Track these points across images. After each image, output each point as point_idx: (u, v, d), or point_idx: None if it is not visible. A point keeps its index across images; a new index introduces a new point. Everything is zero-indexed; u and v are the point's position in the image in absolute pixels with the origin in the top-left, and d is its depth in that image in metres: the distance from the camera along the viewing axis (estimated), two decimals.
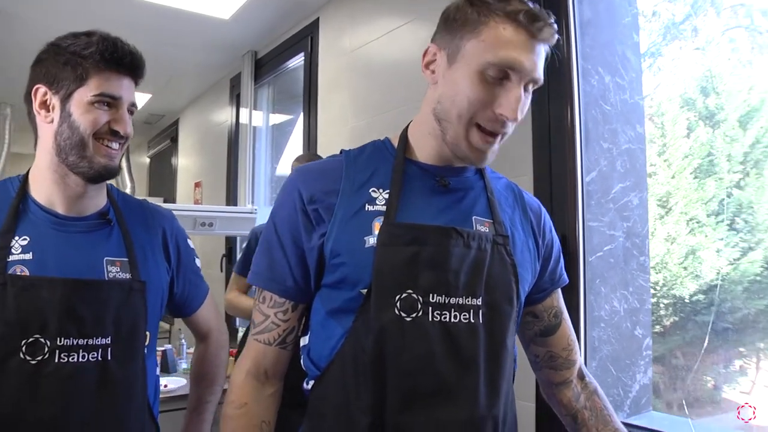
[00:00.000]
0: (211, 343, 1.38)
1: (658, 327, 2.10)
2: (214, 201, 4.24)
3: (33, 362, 0.98)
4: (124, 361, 1.07)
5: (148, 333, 1.13)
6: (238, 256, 2.99)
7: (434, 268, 0.86)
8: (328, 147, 2.79)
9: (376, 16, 2.58)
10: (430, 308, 0.85)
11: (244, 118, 3.70)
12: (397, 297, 0.84)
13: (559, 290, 1.08)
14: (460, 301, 0.86)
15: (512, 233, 0.96)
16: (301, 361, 0.95)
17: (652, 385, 1.90)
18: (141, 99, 4.75)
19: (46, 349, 0.99)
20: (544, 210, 1.07)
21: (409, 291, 0.85)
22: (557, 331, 1.05)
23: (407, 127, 1.01)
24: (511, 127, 0.88)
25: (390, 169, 0.94)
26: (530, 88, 0.87)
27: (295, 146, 3.98)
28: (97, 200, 1.14)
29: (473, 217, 0.93)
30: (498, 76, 0.83)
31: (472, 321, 0.86)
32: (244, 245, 2.39)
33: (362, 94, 2.63)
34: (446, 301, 0.86)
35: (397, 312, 0.84)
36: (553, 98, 1.72)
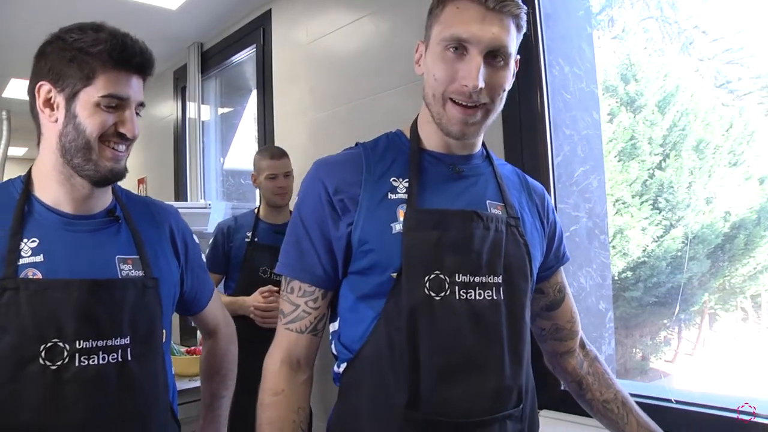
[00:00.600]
0: (220, 338, 1.38)
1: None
2: (161, 197, 4.11)
3: (53, 367, 0.97)
4: (144, 360, 1.06)
5: (164, 330, 1.13)
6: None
7: (458, 250, 0.92)
8: (286, 139, 2.80)
9: (333, 9, 2.60)
10: (457, 287, 0.91)
11: (191, 112, 3.64)
12: (426, 278, 0.90)
13: (562, 268, 1.16)
14: (483, 280, 0.93)
15: (522, 215, 1.04)
16: (332, 346, 1.00)
17: (615, 354, 2.04)
18: None
19: (66, 353, 0.98)
20: (546, 193, 1.15)
21: (437, 272, 0.91)
22: (561, 305, 1.14)
23: (416, 119, 1.06)
24: (486, 98, 0.93)
25: (406, 159, 1.00)
26: (499, 59, 0.92)
27: (242, 139, 3.95)
28: (104, 198, 1.13)
29: (486, 201, 1.00)
30: (457, 51, 0.90)
31: (495, 298, 0.94)
32: (211, 241, 2.38)
33: (322, 86, 2.66)
34: (471, 280, 0.92)
35: (426, 292, 0.90)
36: (523, 87, 1.81)
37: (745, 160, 7.92)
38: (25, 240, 1.02)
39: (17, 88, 4.39)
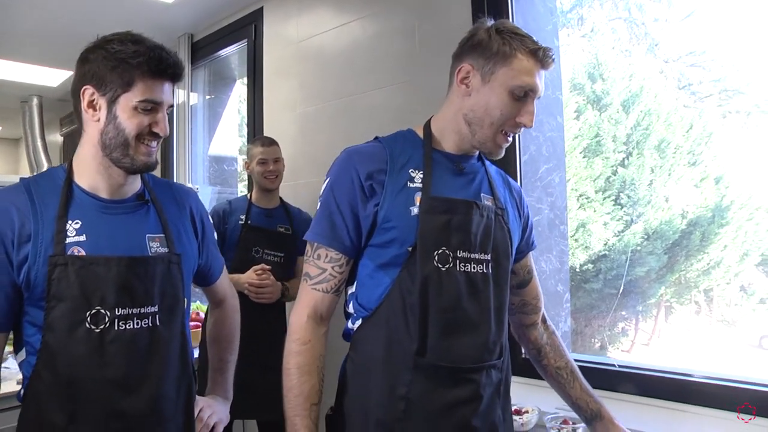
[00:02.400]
0: (227, 307, 1.57)
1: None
2: None
3: (97, 330, 1.16)
4: (170, 324, 1.25)
5: (185, 299, 1.32)
6: None
7: (460, 231, 1.16)
8: (276, 130, 3.00)
9: (324, 11, 2.81)
10: (458, 261, 1.15)
11: (180, 100, 3.79)
12: (435, 252, 1.13)
13: (531, 254, 1.41)
14: (477, 256, 1.17)
15: (506, 207, 1.28)
16: (349, 305, 1.23)
17: (571, 332, 2.31)
18: (61, 76, 4.65)
19: (107, 319, 1.16)
20: (522, 192, 1.40)
21: (444, 248, 1.14)
22: (529, 284, 1.40)
23: (429, 121, 1.28)
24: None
25: (421, 155, 1.21)
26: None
27: (226, 127, 4.12)
28: (135, 184, 1.29)
29: (481, 194, 1.24)
30: (521, 95, 1.14)
31: (485, 271, 1.19)
32: None
33: (311, 82, 2.86)
34: (468, 256, 1.16)
35: (435, 264, 1.13)
36: None
37: (703, 160, 8.27)
38: (70, 221, 1.18)
39: (1, 69, 4.43)
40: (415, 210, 1.15)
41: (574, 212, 7.58)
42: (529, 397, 1.79)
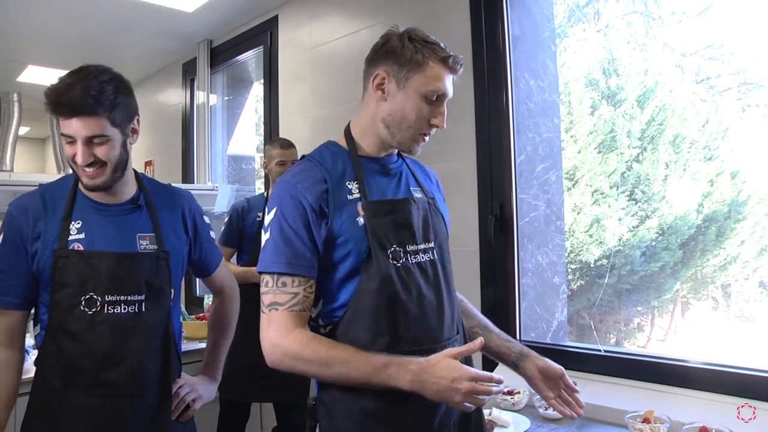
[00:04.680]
0: (225, 297, 1.75)
1: (567, 291, 2.59)
2: (168, 179, 4.43)
3: (90, 312, 1.38)
4: (154, 311, 1.45)
5: (172, 290, 1.51)
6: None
7: (404, 228, 1.24)
8: (291, 131, 3.17)
9: (336, 19, 2.97)
10: (409, 255, 1.23)
11: (200, 101, 3.98)
12: (389, 251, 1.21)
13: None
14: (423, 246, 1.26)
15: (433, 195, 1.38)
16: (318, 321, 1.27)
17: (567, 321, 2.44)
18: None
19: (98, 303, 1.39)
20: (436, 174, 1.49)
21: (395, 246, 1.22)
22: None
23: (348, 129, 1.33)
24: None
25: (350, 165, 1.27)
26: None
27: (244, 127, 4.30)
28: (128, 190, 1.49)
29: (411, 189, 1.32)
30: (433, 99, 1.23)
31: (432, 258, 1.28)
32: (226, 220, 2.75)
33: (324, 87, 3.03)
34: (416, 248, 1.25)
35: (391, 261, 1.21)
36: (492, 99, 2.20)
37: (719, 155, 8.25)
38: (73, 222, 1.42)
39: (32, 74, 4.68)
40: (361, 220, 1.22)
41: (588, 208, 7.63)
42: (521, 380, 1.93)
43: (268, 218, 1.23)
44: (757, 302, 8.32)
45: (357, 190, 1.24)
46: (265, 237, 1.23)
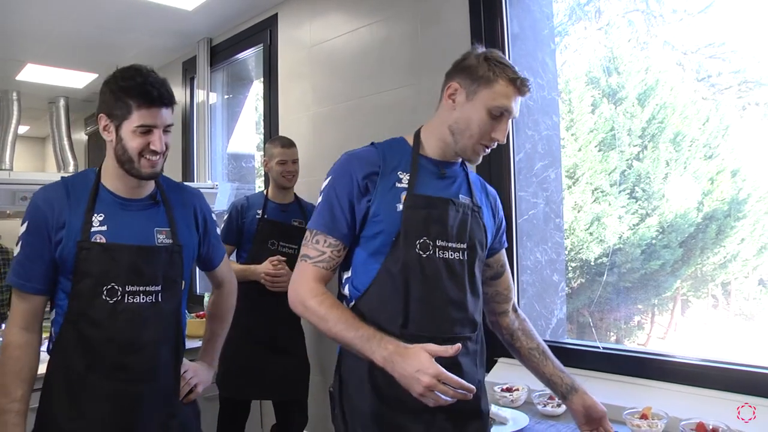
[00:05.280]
0: (224, 290, 1.82)
1: (567, 289, 2.61)
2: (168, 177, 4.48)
3: (111, 302, 1.45)
4: (169, 301, 1.53)
5: (183, 281, 1.58)
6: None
7: (439, 224, 1.35)
8: (291, 129, 3.17)
9: (335, 18, 2.97)
10: (437, 249, 1.35)
11: (200, 100, 3.98)
12: (417, 241, 1.33)
13: (504, 250, 1.59)
14: (453, 245, 1.37)
15: (481, 207, 1.47)
16: (345, 288, 1.41)
17: (566, 318, 2.44)
18: (87, 79, 4.87)
19: (119, 293, 1.45)
20: (498, 197, 1.59)
21: (425, 237, 1.33)
22: (502, 276, 1.58)
23: (419, 130, 1.47)
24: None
25: (409, 159, 1.41)
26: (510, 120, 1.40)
27: (243, 126, 4.30)
28: (149, 187, 1.57)
29: (460, 194, 1.43)
30: (498, 114, 1.33)
31: (461, 258, 1.38)
32: (225, 217, 2.75)
33: (323, 85, 3.03)
34: (446, 245, 1.36)
35: (417, 251, 1.33)
36: None
37: (719, 153, 8.25)
38: (95, 215, 1.47)
39: (32, 73, 4.69)
40: (400, 206, 1.34)
41: (588, 206, 7.64)
42: (519, 377, 1.94)
43: (324, 184, 1.41)
44: (756, 300, 8.33)
45: (406, 181, 1.37)
46: (318, 199, 1.40)
